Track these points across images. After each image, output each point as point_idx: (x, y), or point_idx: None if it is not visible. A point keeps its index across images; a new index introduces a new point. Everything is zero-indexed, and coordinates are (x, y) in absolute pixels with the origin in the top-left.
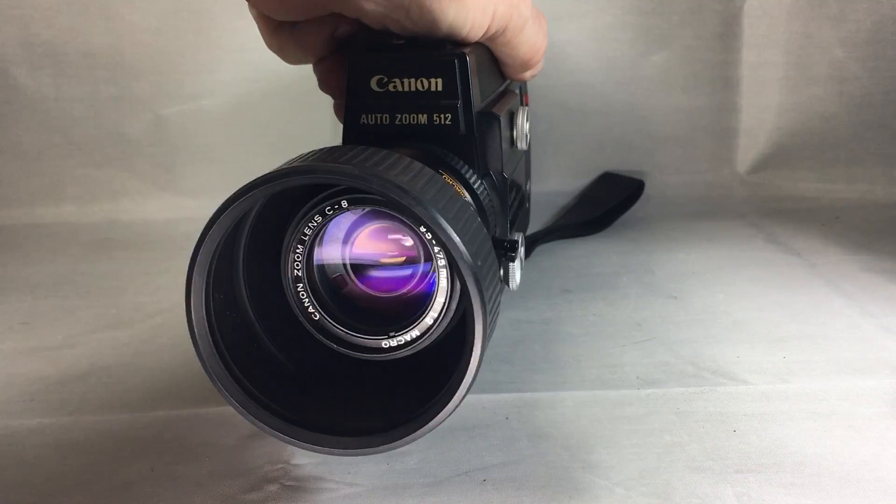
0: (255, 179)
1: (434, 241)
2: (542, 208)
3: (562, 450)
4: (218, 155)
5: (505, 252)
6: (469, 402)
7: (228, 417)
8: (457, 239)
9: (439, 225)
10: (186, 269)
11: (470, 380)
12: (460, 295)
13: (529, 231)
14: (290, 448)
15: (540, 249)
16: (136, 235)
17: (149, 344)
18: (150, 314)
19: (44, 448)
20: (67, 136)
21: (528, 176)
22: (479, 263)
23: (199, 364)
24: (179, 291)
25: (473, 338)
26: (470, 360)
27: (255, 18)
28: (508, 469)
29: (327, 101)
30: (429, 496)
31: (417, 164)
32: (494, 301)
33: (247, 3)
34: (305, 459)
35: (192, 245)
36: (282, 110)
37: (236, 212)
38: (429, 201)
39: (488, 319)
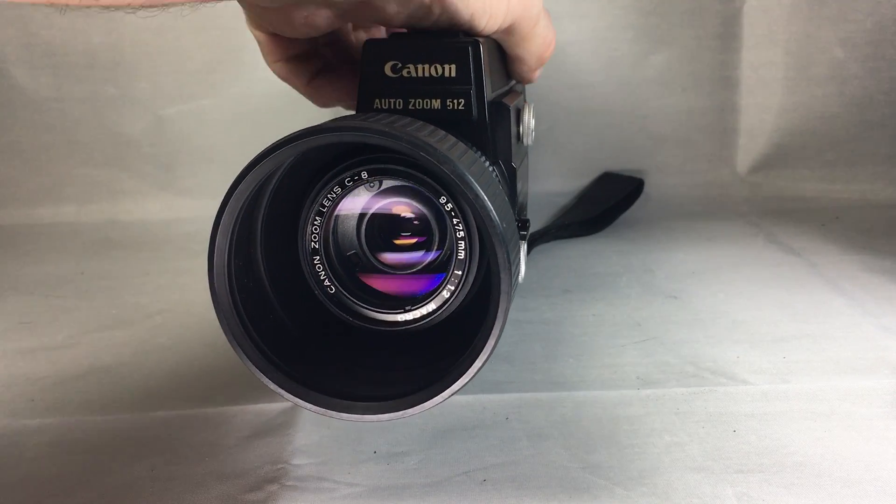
0: (282, 139)
1: (454, 212)
2: (542, 208)
3: (562, 450)
4: (218, 155)
5: (517, 230)
6: (469, 402)
7: (228, 417)
8: (484, 196)
9: (467, 182)
10: (186, 269)
11: (494, 341)
12: (478, 265)
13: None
14: (290, 448)
15: (540, 249)
16: (136, 235)
17: (149, 344)
18: (150, 314)
19: (44, 448)
20: (67, 136)
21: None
22: (505, 225)
23: (198, 364)
24: (179, 291)
25: (499, 295)
26: (495, 320)
27: (283, 76)
28: (508, 469)
29: None
30: (429, 496)
31: (441, 131)
32: (517, 264)
33: (268, 64)
34: (305, 459)
35: (192, 245)
36: (282, 110)
37: (260, 173)
38: (456, 160)
39: (513, 280)
